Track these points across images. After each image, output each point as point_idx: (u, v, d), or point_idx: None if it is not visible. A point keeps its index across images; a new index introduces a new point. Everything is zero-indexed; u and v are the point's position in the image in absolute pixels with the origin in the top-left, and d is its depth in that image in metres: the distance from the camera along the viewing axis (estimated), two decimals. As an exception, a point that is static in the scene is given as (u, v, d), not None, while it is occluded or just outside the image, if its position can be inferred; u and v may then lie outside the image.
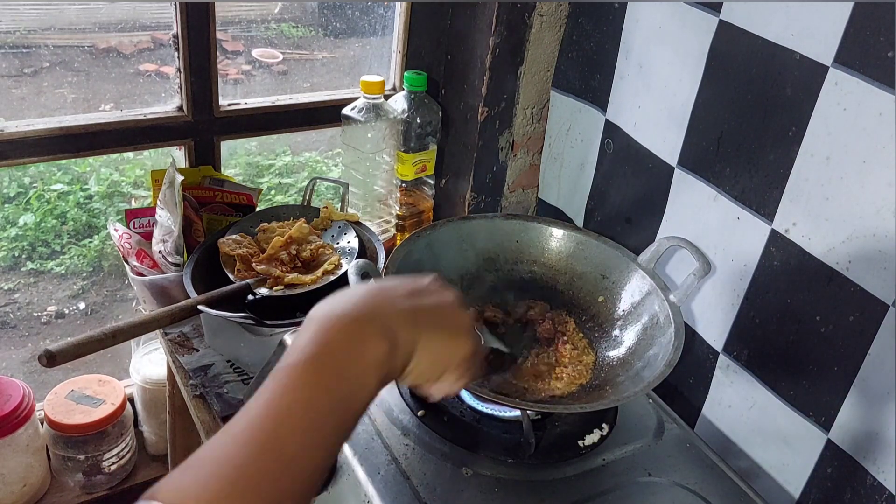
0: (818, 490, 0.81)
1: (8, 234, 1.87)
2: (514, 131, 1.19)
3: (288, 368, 0.46)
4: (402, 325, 0.51)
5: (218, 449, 0.43)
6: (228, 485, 0.40)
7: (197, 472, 0.41)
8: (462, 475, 0.72)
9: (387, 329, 0.50)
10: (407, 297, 0.53)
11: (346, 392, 0.47)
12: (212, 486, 0.40)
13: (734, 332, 0.88)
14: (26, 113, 1.45)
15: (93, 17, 1.43)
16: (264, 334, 0.99)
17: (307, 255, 1.02)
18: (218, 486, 0.40)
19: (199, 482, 0.40)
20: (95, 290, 1.86)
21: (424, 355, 0.52)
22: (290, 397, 0.44)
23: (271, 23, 1.69)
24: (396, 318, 0.51)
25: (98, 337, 0.79)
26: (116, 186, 1.97)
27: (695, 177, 0.90)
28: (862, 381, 0.74)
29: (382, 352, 0.49)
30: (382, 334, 0.49)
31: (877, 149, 0.69)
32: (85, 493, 1.32)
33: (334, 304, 0.51)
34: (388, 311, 0.51)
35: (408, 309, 0.52)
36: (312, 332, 0.48)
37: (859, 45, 0.69)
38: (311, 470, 0.44)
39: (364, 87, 1.15)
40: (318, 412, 0.45)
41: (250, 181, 1.94)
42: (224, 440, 0.43)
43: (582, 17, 1.08)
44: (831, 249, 0.75)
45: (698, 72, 0.87)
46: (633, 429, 0.81)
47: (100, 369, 1.42)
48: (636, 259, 0.88)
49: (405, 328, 0.51)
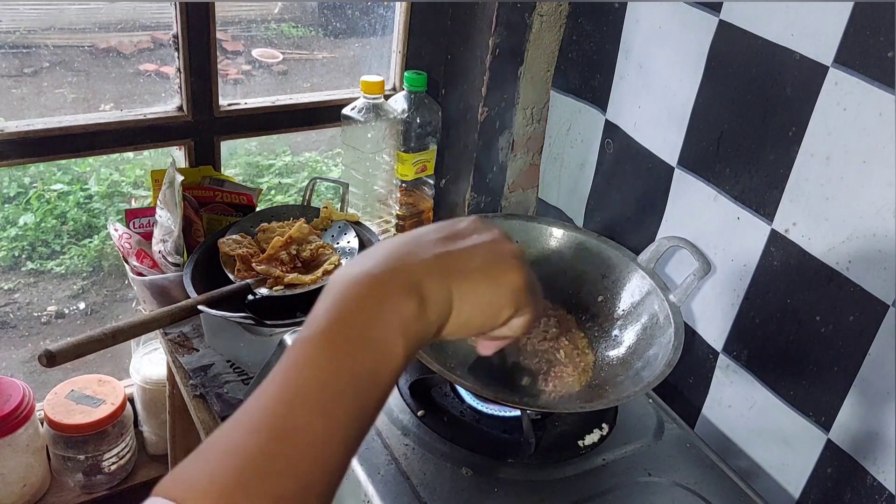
0: (818, 490, 0.81)
1: (8, 234, 1.87)
2: (514, 131, 1.19)
3: (301, 342, 0.40)
4: (429, 276, 0.44)
5: (227, 437, 0.38)
6: (239, 476, 0.35)
7: (205, 464, 0.37)
8: (462, 475, 0.72)
9: (412, 284, 0.43)
10: (438, 244, 0.46)
11: (368, 363, 0.40)
12: (221, 479, 0.35)
13: (734, 332, 0.88)
14: (26, 113, 1.45)
15: (93, 17, 1.43)
16: (264, 334, 0.99)
17: (307, 255, 1.02)
18: (228, 479, 0.35)
19: (208, 474, 0.36)
20: (95, 290, 1.86)
21: (464, 303, 0.45)
22: (305, 374, 0.39)
23: (271, 23, 1.69)
24: (423, 268, 0.44)
25: (98, 337, 0.79)
26: (116, 186, 1.97)
27: (695, 177, 0.90)
28: (862, 381, 0.74)
29: (409, 311, 0.42)
30: (407, 290, 0.42)
31: (877, 149, 0.69)
32: (85, 493, 1.32)
33: (353, 264, 0.44)
34: (413, 263, 0.44)
35: (436, 256, 0.45)
36: (328, 301, 0.42)
37: (859, 45, 0.69)
38: (334, 456, 0.38)
39: (364, 87, 1.15)
40: (336, 390, 0.39)
41: (250, 181, 1.94)
42: (233, 427, 0.38)
43: (582, 17, 1.08)
44: (831, 249, 0.75)
45: (698, 72, 0.87)
46: (633, 429, 0.81)
47: (100, 369, 1.42)
48: (636, 259, 0.88)
49: (434, 278, 0.44)
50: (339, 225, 1.08)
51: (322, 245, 1.04)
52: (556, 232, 0.93)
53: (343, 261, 1.02)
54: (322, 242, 1.05)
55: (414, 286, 0.43)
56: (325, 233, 1.08)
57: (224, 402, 0.95)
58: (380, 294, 0.42)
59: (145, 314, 0.89)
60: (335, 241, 1.06)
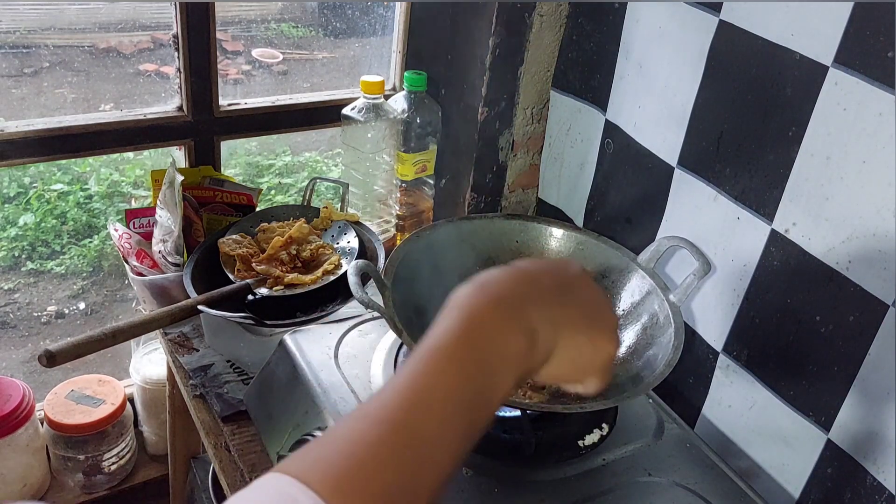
0: (818, 490, 0.81)
1: (8, 234, 1.87)
2: (514, 131, 1.19)
3: (431, 350, 0.44)
4: (543, 323, 0.48)
5: (350, 426, 0.41)
6: (357, 462, 0.38)
7: (326, 448, 0.39)
8: (462, 475, 0.72)
9: (529, 327, 0.47)
10: (553, 292, 0.50)
11: (485, 384, 0.44)
12: (340, 463, 0.38)
13: (734, 332, 0.88)
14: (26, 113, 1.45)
15: (93, 17, 1.43)
16: (264, 334, 0.99)
17: (307, 255, 1.02)
18: (346, 464, 0.38)
19: (327, 458, 0.38)
20: (95, 290, 1.86)
21: (563, 356, 0.50)
22: (432, 380, 0.42)
23: (271, 23, 1.69)
24: (539, 314, 0.48)
25: (98, 337, 0.79)
26: (116, 186, 1.97)
27: (695, 177, 0.90)
28: (862, 381, 0.74)
29: (522, 349, 0.46)
30: (524, 331, 0.47)
31: (877, 149, 0.69)
32: (85, 493, 1.32)
33: (483, 286, 0.48)
34: (532, 306, 0.48)
35: (552, 305, 0.49)
36: (458, 317, 0.46)
37: (859, 45, 0.69)
38: (443, 458, 0.41)
39: (364, 87, 1.15)
40: (457, 401, 0.42)
41: (250, 181, 1.94)
42: (357, 416, 0.41)
43: (582, 17, 1.08)
44: (831, 249, 0.75)
45: (698, 72, 0.87)
46: (633, 429, 0.81)
47: (100, 369, 1.42)
48: (636, 259, 0.88)
49: (547, 326, 0.48)
50: (339, 225, 1.08)
51: (322, 245, 1.04)
52: (556, 232, 0.93)
53: (343, 261, 1.02)
54: (322, 242, 1.05)
55: (530, 330, 0.47)
56: (325, 233, 1.08)
57: (224, 402, 0.95)
58: (504, 327, 0.46)
59: (145, 314, 0.89)
60: (335, 241, 1.06)
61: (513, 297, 0.48)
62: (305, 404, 0.79)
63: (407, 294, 0.81)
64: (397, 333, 0.72)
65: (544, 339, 0.48)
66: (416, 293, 0.84)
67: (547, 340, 0.48)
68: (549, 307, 0.49)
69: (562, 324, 0.49)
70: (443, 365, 0.43)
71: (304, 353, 0.84)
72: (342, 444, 0.39)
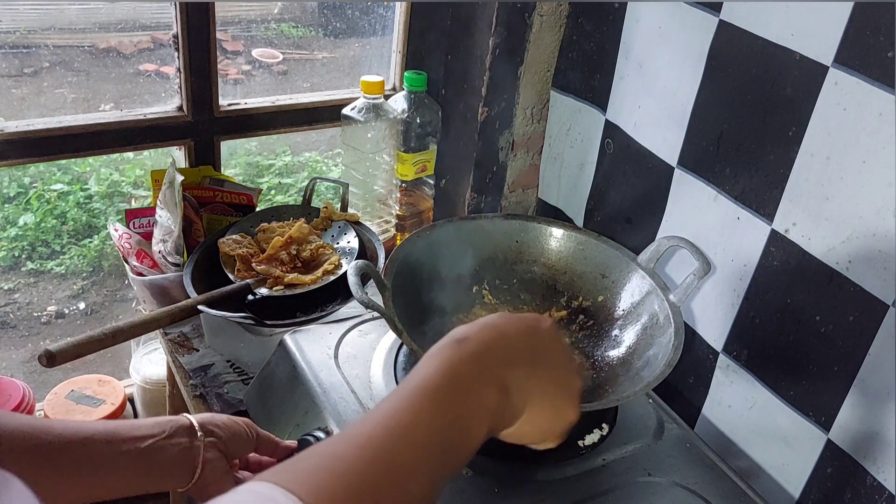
0: (818, 490, 0.81)
1: (8, 234, 1.88)
2: (514, 131, 1.19)
3: (414, 390, 0.47)
4: (515, 386, 0.51)
5: (333, 446, 0.43)
6: (336, 479, 0.40)
7: (308, 462, 0.42)
8: (462, 475, 0.72)
9: (502, 383, 0.50)
10: (525, 356, 0.53)
11: (462, 427, 0.48)
12: (320, 477, 0.40)
13: (734, 331, 0.88)
14: (26, 113, 1.45)
15: (93, 17, 1.43)
16: (264, 334, 0.99)
17: (307, 255, 1.02)
18: (326, 479, 0.40)
19: (308, 471, 0.41)
20: (95, 290, 1.86)
21: (530, 418, 0.53)
22: (415, 419, 0.45)
23: (271, 23, 1.70)
24: (512, 375, 0.51)
25: (98, 337, 0.79)
26: (116, 186, 1.97)
27: (695, 177, 0.90)
28: (862, 381, 0.74)
29: (494, 403, 0.49)
30: (497, 387, 0.50)
31: (877, 149, 0.69)
32: (85, 493, 1.32)
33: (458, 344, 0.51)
34: (506, 368, 0.51)
35: (524, 367, 0.52)
36: (438, 365, 0.49)
37: (859, 45, 0.69)
38: (416, 494, 0.44)
39: (364, 87, 1.15)
40: (435, 439, 0.46)
41: (250, 181, 1.94)
42: (341, 438, 0.44)
43: (582, 17, 1.07)
44: (831, 249, 0.75)
45: (698, 72, 0.87)
46: (633, 429, 0.81)
47: (100, 369, 1.42)
48: (636, 259, 0.89)
49: (518, 390, 0.51)
50: (339, 225, 1.08)
51: (322, 245, 1.04)
52: (556, 232, 0.93)
53: (343, 261, 1.02)
54: (322, 242, 1.05)
55: (504, 387, 0.50)
56: (325, 233, 1.08)
57: (224, 402, 0.95)
58: (480, 380, 0.49)
59: (145, 314, 0.89)
60: (335, 241, 1.06)
61: (489, 357, 0.51)
62: (305, 404, 0.79)
63: (407, 294, 0.81)
64: (397, 334, 0.72)
65: (515, 401, 0.51)
66: (416, 293, 0.84)
67: (517, 404, 0.52)
68: (522, 369, 0.52)
69: (531, 390, 0.52)
70: (426, 405, 0.46)
71: (304, 353, 0.84)
72: (324, 460, 0.42)
